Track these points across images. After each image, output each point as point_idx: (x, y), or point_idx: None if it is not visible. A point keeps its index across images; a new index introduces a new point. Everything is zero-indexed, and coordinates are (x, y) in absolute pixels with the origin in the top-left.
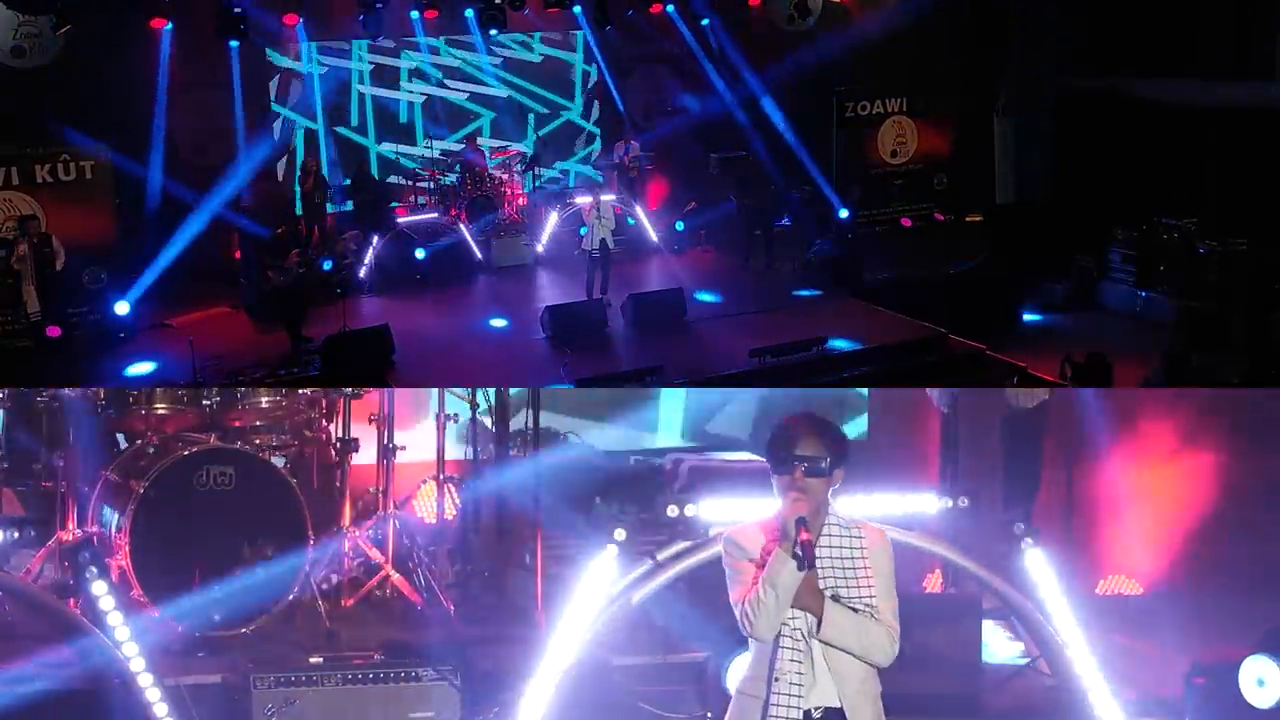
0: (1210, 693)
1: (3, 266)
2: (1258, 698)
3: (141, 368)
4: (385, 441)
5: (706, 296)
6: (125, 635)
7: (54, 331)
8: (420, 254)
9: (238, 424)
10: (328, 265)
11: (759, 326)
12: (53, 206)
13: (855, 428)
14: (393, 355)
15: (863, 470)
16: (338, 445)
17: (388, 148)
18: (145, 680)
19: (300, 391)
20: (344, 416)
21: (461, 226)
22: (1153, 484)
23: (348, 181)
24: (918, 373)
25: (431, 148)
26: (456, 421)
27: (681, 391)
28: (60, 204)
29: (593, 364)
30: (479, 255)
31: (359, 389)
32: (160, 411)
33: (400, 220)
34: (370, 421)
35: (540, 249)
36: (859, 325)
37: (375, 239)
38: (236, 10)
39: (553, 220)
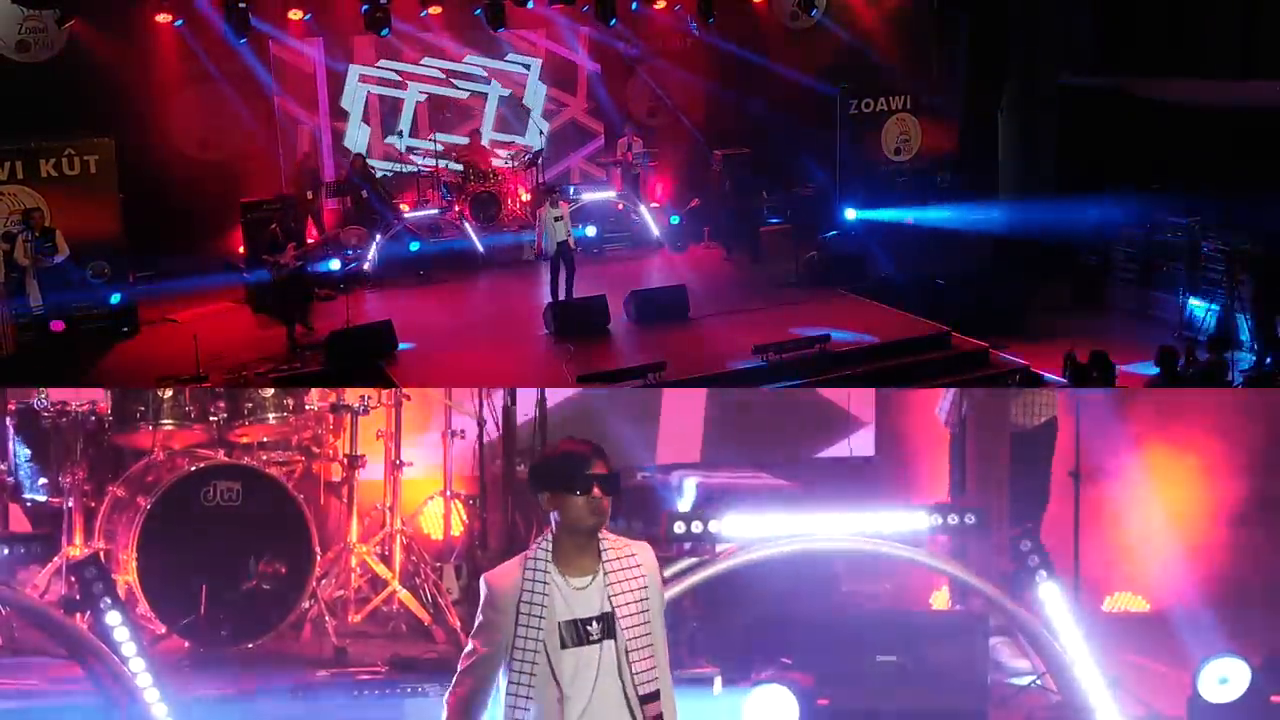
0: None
1: (7, 260)
2: (1218, 695)
3: None
4: (392, 457)
5: None
6: (132, 651)
7: (58, 326)
8: (414, 247)
9: (245, 440)
10: (334, 265)
11: (763, 323)
12: (57, 201)
13: (863, 444)
14: (396, 350)
15: (869, 487)
16: (345, 461)
17: (390, 143)
18: (152, 696)
19: (307, 407)
20: (351, 432)
21: (464, 222)
22: (1159, 497)
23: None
24: (921, 370)
25: (435, 143)
26: (464, 438)
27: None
28: (65, 198)
29: (595, 361)
30: (481, 251)
31: (366, 405)
32: (167, 427)
33: (403, 216)
34: (377, 437)
35: (542, 245)
36: (862, 322)
37: (377, 235)
38: (242, 4)
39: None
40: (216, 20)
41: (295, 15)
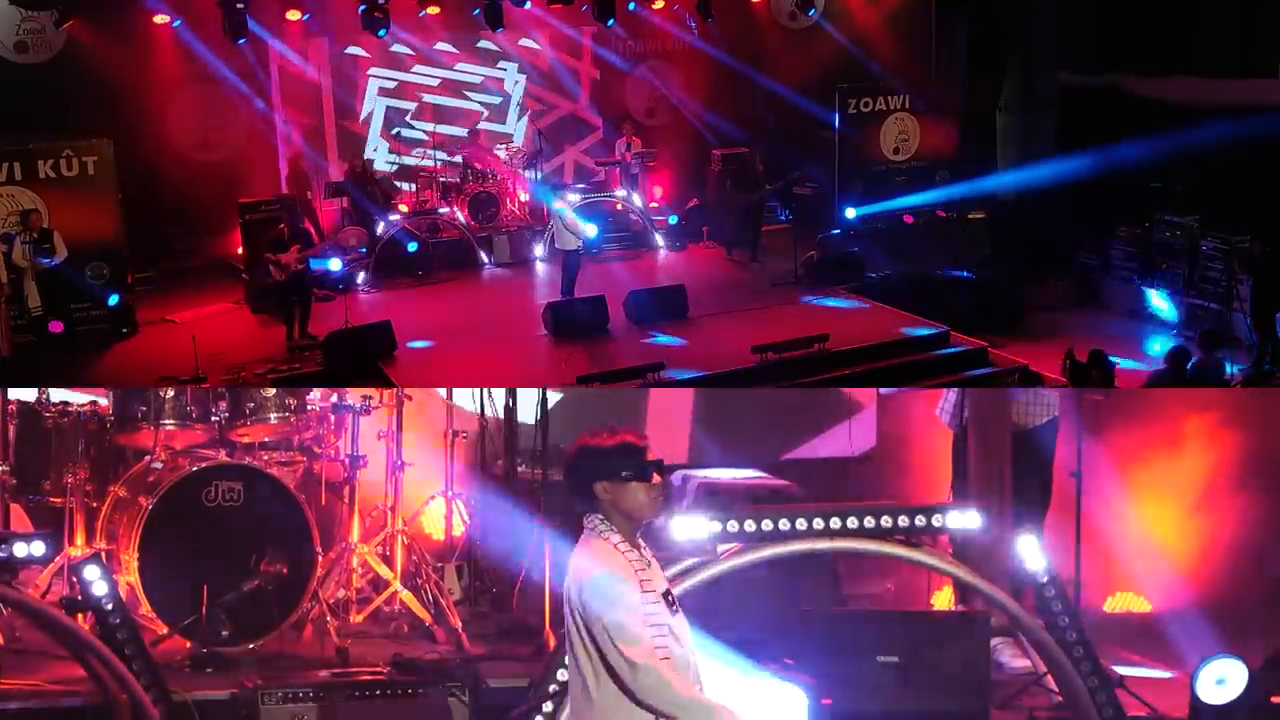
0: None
1: (5, 262)
2: (1215, 696)
3: None
4: (394, 458)
5: None
6: (134, 651)
7: (57, 327)
8: (413, 247)
9: (246, 440)
10: (333, 265)
11: (763, 323)
12: (55, 202)
13: (864, 444)
14: (394, 351)
15: (869, 487)
16: (346, 461)
17: (389, 143)
18: (154, 696)
19: (309, 407)
20: (352, 432)
21: (463, 222)
22: (1158, 497)
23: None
24: (921, 370)
25: (434, 143)
26: (465, 438)
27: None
28: (63, 199)
29: (595, 361)
30: (480, 251)
31: (368, 405)
32: (169, 427)
33: (402, 216)
34: (379, 438)
35: (542, 246)
36: (862, 322)
37: (377, 235)
38: (240, 4)
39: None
40: (214, 19)
41: (293, 16)
